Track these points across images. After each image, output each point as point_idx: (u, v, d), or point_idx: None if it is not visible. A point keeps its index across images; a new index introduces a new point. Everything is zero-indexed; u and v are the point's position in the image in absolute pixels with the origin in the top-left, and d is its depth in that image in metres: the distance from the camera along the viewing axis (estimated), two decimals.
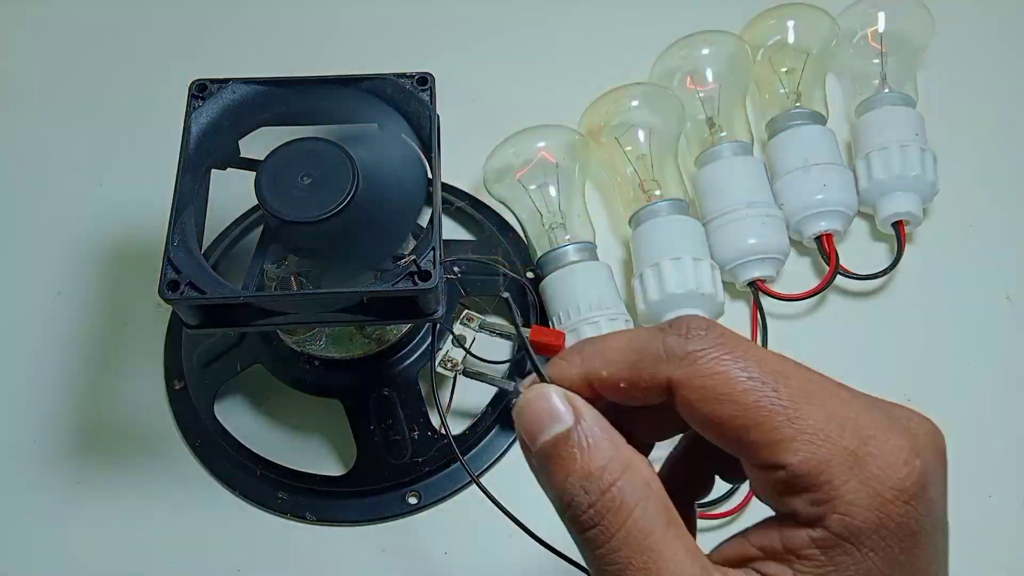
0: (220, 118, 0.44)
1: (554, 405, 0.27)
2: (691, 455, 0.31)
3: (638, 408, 0.28)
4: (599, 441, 0.26)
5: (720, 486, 0.33)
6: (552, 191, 0.55)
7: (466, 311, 0.49)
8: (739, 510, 0.48)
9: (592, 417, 0.27)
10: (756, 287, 0.53)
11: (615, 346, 0.28)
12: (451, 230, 0.58)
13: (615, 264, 0.55)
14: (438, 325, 0.46)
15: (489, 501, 0.43)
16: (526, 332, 0.41)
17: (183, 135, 0.43)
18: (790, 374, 0.26)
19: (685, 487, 0.31)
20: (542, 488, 0.28)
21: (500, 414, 0.51)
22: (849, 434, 0.25)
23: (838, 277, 0.54)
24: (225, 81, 0.44)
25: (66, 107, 0.64)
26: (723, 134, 0.56)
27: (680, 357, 0.26)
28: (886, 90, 0.58)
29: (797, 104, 0.57)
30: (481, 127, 0.57)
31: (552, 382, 0.28)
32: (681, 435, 0.31)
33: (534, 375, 0.29)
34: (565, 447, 0.26)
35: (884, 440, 0.25)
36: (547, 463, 0.27)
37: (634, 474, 0.26)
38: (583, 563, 0.28)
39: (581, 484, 0.26)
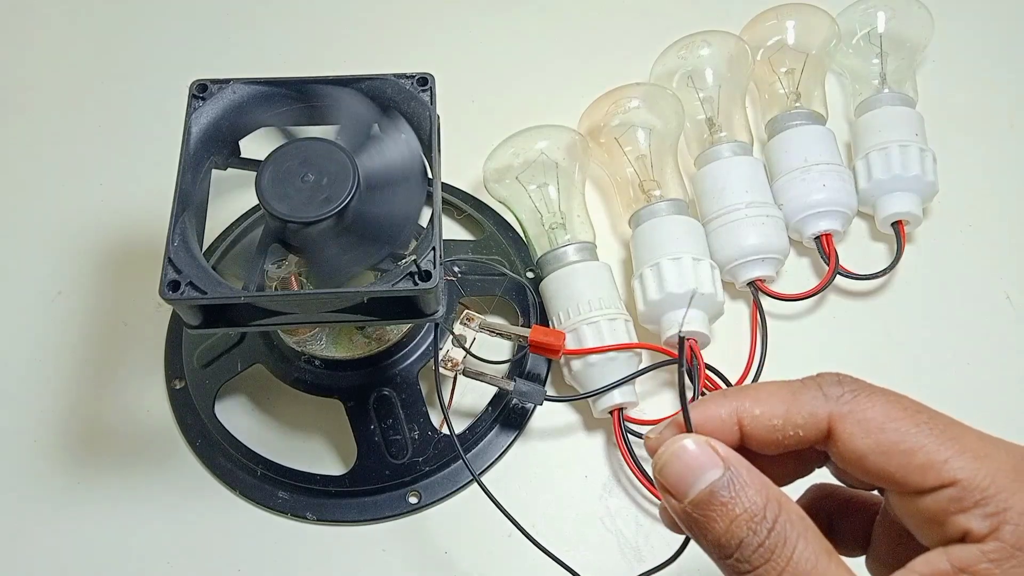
0: (220, 118, 0.44)
1: (700, 455, 0.28)
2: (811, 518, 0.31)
3: (766, 459, 0.29)
4: (753, 482, 0.27)
5: None
6: (552, 191, 0.55)
7: (466, 311, 0.49)
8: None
9: (739, 460, 0.28)
10: (756, 287, 0.53)
11: (768, 388, 0.29)
12: (451, 230, 0.58)
13: (615, 264, 0.55)
14: (438, 325, 0.46)
15: (489, 501, 0.43)
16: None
17: (183, 135, 0.43)
18: (933, 410, 0.28)
19: None
20: (695, 539, 0.28)
21: (500, 414, 0.51)
22: (1004, 452, 0.26)
23: (838, 277, 0.54)
24: (225, 81, 0.44)
25: (66, 107, 0.64)
26: (723, 134, 0.56)
27: (837, 396, 0.28)
28: (886, 90, 0.58)
29: (797, 104, 0.57)
30: (481, 127, 0.57)
31: (696, 428, 0.29)
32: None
33: (677, 416, 0.29)
34: (722, 493, 0.27)
35: None
36: (706, 511, 0.27)
37: (791, 509, 0.27)
38: (573, 567, 0.28)
39: (748, 526, 0.26)
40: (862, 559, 0.33)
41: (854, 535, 0.31)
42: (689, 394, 0.47)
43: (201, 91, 0.44)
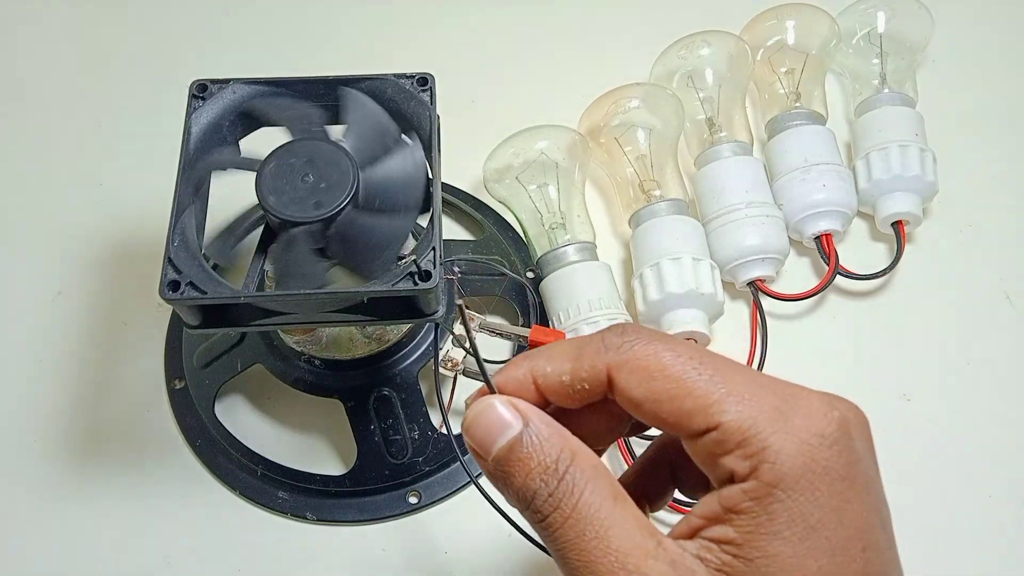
0: (220, 118, 0.44)
1: (501, 413, 0.29)
2: (651, 467, 0.34)
3: (581, 414, 0.31)
4: (549, 436, 0.29)
5: None
6: (552, 191, 0.55)
7: (469, 311, 0.49)
8: None
9: (538, 416, 0.29)
10: (756, 287, 0.53)
11: (559, 346, 0.31)
12: (451, 230, 0.58)
13: (615, 264, 0.55)
14: (438, 325, 0.46)
15: (487, 502, 0.43)
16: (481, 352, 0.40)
17: (183, 135, 0.43)
18: (712, 354, 0.29)
19: (645, 497, 0.33)
20: (501, 492, 0.30)
21: None
22: (771, 394, 0.27)
23: (838, 277, 0.54)
24: (225, 81, 0.44)
25: (66, 107, 0.64)
26: (723, 134, 0.56)
27: (617, 346, 0.29)
28: (886, 90, 0.58)
29: (797, 104, 0.57)
30: (481, 127, 0.57)
31: (499, 389, 0.31)
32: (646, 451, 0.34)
33: (483, 387, 0.31)
34: (519, 449, 0.29)
35: (804, 396, 0.27)
36: (505, 467, 0.29)
37: (582, 459, 0.28)
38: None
39: (540, 477, 0.28)
40: None
41: (692, 479, 0.32)
42: None
43: (201, 91, 0.44)
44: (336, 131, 0.43)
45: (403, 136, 0.43)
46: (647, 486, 0.33)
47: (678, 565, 0.27)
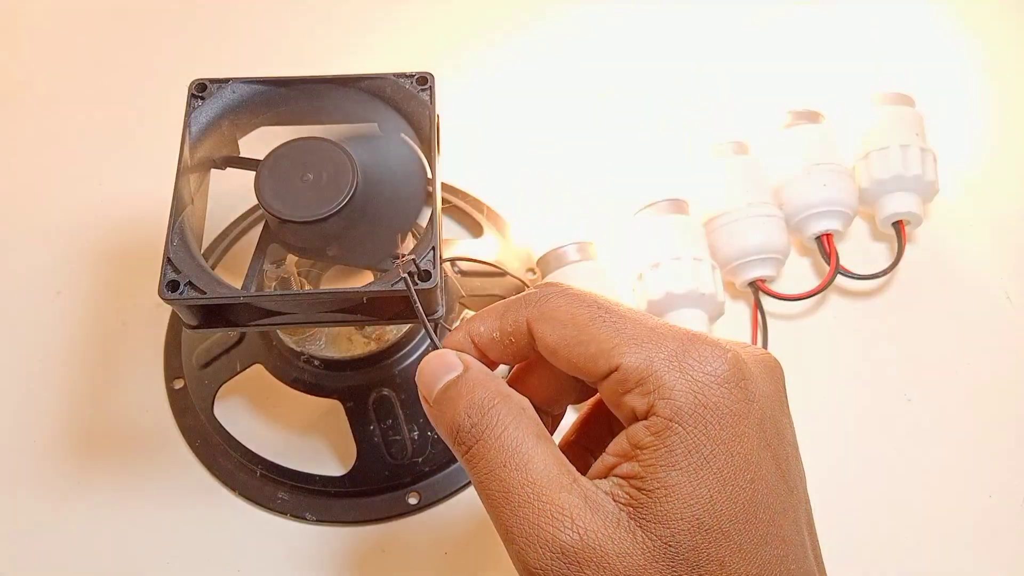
0: (220, 118, 0.44)
1: (447, 359, 0.32)
2: (592, 421, 0.35)
3: (532, 378, 0.33)
4: (482, 380, 0.31)
5: None
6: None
7: (466, 311, 0.49)
8: None
9: (477, 366, 0.32)
10: (756, 287, 0.53)
11: (489, 308, 0.33)
12: (451, 230, 0.58)
13: (615, 264, 0.55)
14: (438, 325, 0.46)
15: None
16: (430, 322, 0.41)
17: (183, 135, 0.43)
18: (618, 305, 0.31)
19: (587, 450, 0.35)
20: (438, 431, 0.32)
21: None
22: (671, 339, 0.29)
23: (838, 277, 0.53)
24: (225, 81, 0.44)
25: (66, 106, 0.64)
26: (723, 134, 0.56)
27: (536, 301, 0.31)
28: (886, 90, 0.58)
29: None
30: (481, 127, 0.57)
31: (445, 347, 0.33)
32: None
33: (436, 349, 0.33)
34: (454, 388, 0.31)
35: (702, 341, 0.29)
36: (442, 404, 0.31)
37: (510, 400, 0.31)
38: None
39: (466, 411, 0.30)
40: None
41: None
42: None
43: (201, 91, 0.44)
44: (330, 130, 0.43)
45: (404, 137, 0.43)
46: (589, 439, 0.35)
47: (590, 499, 0.28)
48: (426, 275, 0.39)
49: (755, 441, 0.29)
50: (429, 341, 0.34)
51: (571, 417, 0.36)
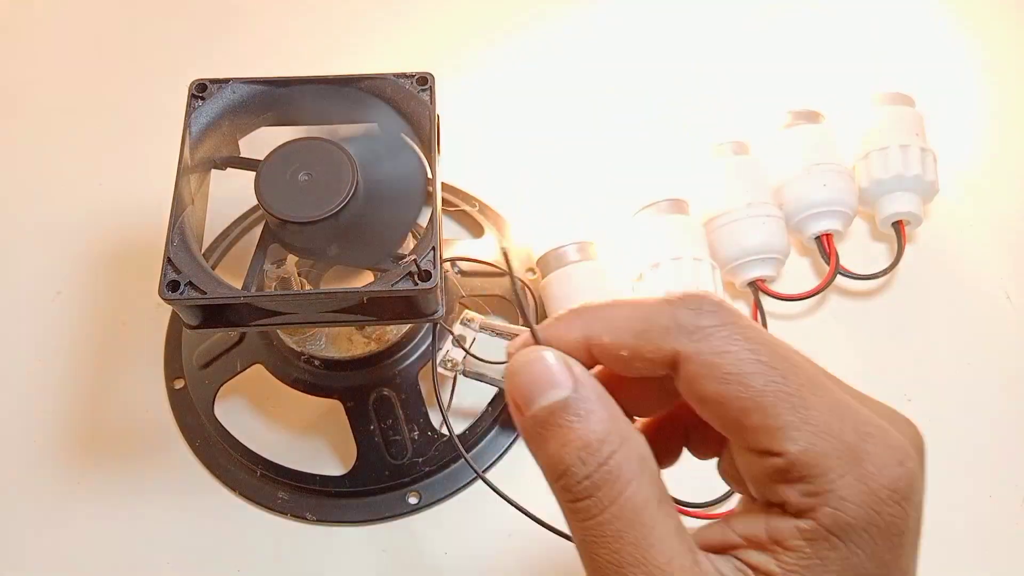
0: (220, 118, 0.44)
1: (552, 370, 0.26)
2: (668, 424, 0.31)
3: (630, 380, 0.28)
4: (598, 411, 0.26)
5: (719, 486, 0.33)
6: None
7: (466, 311, 0.49)
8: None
9: (591, 385, 0.26)
10: (756, 287, 0.53)
11: (620, 314, 0.27)
12: (451, 230, 0.58)
13: (615, 264, 0.55)
14: (438, 325, 0.46)
15: (489, 501, 0.43)
16: (526, 296, 0.39)
17: (183, 135, 0.43)
18: (799, 363, 0.26)
19: (656, 454, 0.30)
20: (532, 453, 0.27)
21: (500, 414, 0.51)
22: (850, 429, 0.25)
23: (838, 277, 0.53)
24: (225, 81, 0.44)
25: (66, 107, 0.64)
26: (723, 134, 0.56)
27: (690, 331, 0.26)
28: (886, 90, 0.58)
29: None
30: (481, 127, 0.57)
31: (544, 343, 0.27)
32: None
33: (526, 334, 0.28)
34: (563, 415, 0.26)
35: (881, 439, 0.25)
36: (542, 430, 0.26)
37: (631, 448, 0.26)
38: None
39: (579, 454, 0.25)
40: None
41: (706, 444, 0.30)
42: None
43: (201, 91, 0.44)
44: (343, 131, 0.43)
45: (404, 136, 0.43)
46: (659, 443, 0.30)
47: None
48: (426, 275, 0.39)
49: (911, 554, 0.25)
50: (527, 326, 0.28)
51: None
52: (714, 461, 0.31)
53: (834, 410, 0.25)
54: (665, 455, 0.31)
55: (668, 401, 0.29)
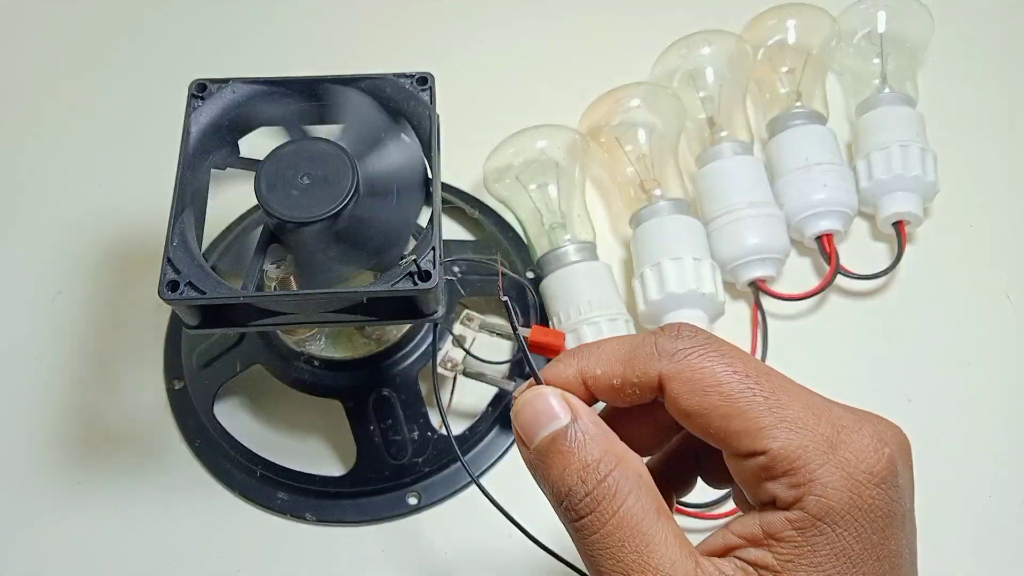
0: (220, 118, 0.44)
1: (551, 404, 0.29)
2: (678, 455, 0.33)
3: (631, 417, 0.31)
4: (595, 436, 0.28)
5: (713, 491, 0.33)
6: (552, 191, 0.55)
7: (466, 311, 0.49)
8: (736, 512, 0.48)
9: (587, 414, 0.29)
10: (756, 287, 0.53)
11: (609, 347, 0.30)
12: (451, 230, 0.58)
13: (615, 264, 0.55)
14: (438, 325, 0.46)
15: (488, 502, 0.43)
16: (525, 333, 0.41)
17: (183, 135, 0.43)
18: (770, 371, 0.28)
19: (669, 485, 0.33)
20: (538, 484, 0.29)
21: (500, 414, 0.51)
22: (825, 423, 0.27)
23: (838, 277, 0.53)
24: (225, 81, 0.44)
25: (66, 107, 0.64)
26: (723, 133, 0.56)
27: (670, 354, 0.28)
28: (886, 90, 0.58)
29: (797, 104, 0.57)
30: (481, 127, 0.57)
31: (546, 383, 0.30)
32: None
33: (531, 380, 0.31)
34: (563, 442, 0.28)
35: (856, 429, 0.27)
36: (545, 458, 0.28)
37: (627, 466, 0.28)
38: (580, 565, 0.29)
39: (578, 475, 0.28)
40: None
41: (718, 471, 0.31)
42: None
43: (200, 91, 0.44)
44: (331, 131, 0.43)
45: (403, 135, 0.43)
46: (672, 473, 0.33)
47: None
48: (426, 275, 0.39)
49: (901, 540, 0.27)
50: (528, 370, 0.31)
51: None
52: None
53: (808, 408, 0.27)
54: (680, 484, 0.34)
55: (668, 435, 0.32)
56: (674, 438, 0.33)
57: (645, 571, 0.26)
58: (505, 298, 0.35)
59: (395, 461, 0.49)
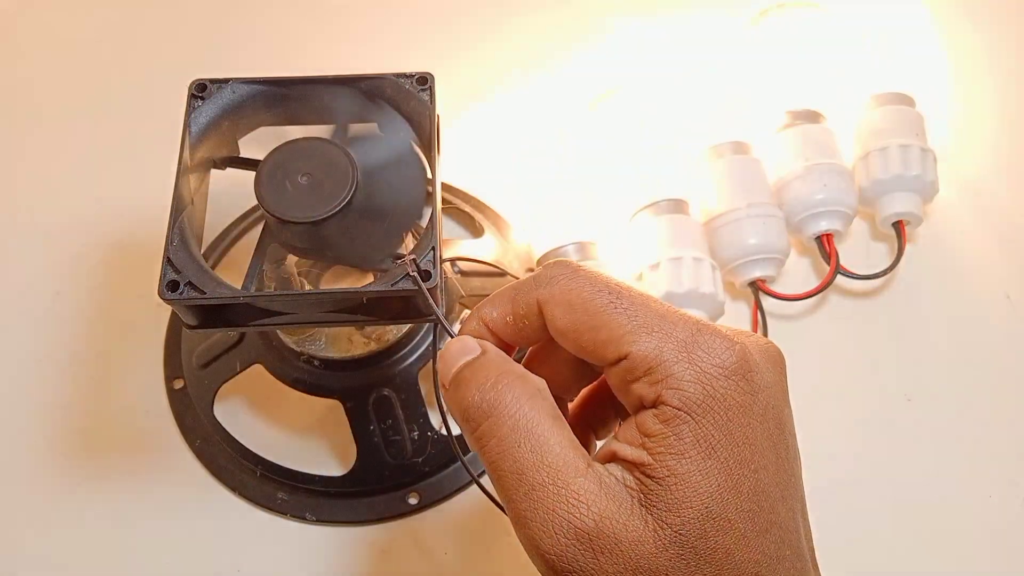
0: (220, 118, 0.44)
1: (466, 343, 0.32)
2: (595, 400, 0.36)
3: (542, 360, 0.34)
4: (497, 360, 0.31)
5: None
6: None
7: (466, 311, 0.49)
8: None
9: (494, 349, 0.32)
10: (756, 287, 0.53)
11: (499, 291, 0.33)
12: (451, 230, 0.58)
13: (615, 264, 0.55)
14: (438, 325, 0.46)
15: (490, 501, 0.43)
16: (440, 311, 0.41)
17: (183, 135, 0.43)
18: (630, 289, 0.31)
19: (590, 427, 0.36)
20: (453, 417, 0.32)
21: None
22: (681, 328, 0.30)
23: (838, 277, 0.53)
24: (225, 81, 0.44)
25: (65, 107, 0.64)
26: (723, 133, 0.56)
27: (546, 282, 0.31)
28: (886, 90, 0.58)
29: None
30: (481, 127, 0.57)
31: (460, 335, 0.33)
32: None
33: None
34: (469, 369, 0.31)
35: (711, 332, 0.30)
36: (457, 387, 0.31)
37: (526, 381, 0.31)
38: None
39: (478, 388, 0.30)
40: None
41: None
42: None
43: (200, 91, 0.44)
44: (352, 130, 0.43)
45: (403, 136, 0.43)
46: (592, 417, 0.36)
47: (604, 485, 0.29)
48: (426, 275, 0.39)
49: (759, 432, 0.29)
50: (446, 335, 0.35)
51: None
52: None
53: (664, 317, 0.30)
54: (600, 427, 0.36)
55: (586, 377, 0.34)
56: (589, 385, 0.35)
57: (539, 469, 0.29)
58: (415, 274, 0.37)
59: (395, 461, 0.49)
